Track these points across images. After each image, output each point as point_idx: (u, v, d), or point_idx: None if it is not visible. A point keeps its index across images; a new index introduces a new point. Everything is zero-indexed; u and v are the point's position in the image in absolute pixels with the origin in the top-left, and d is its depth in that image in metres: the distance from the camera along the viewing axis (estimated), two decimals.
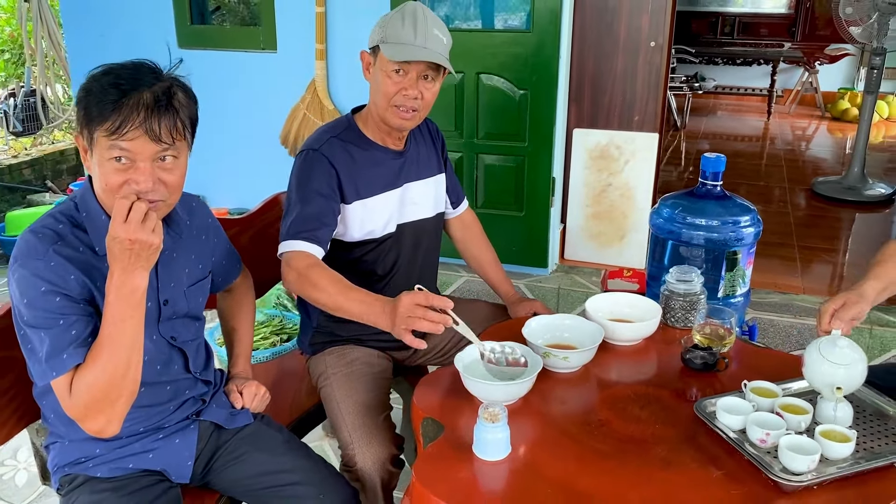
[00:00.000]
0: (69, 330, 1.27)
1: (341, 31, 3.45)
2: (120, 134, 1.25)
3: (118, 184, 1.29)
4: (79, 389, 1.27)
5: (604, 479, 1.34)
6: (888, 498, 1.29)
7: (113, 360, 1.27)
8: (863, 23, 4.64)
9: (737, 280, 2.07)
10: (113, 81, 1.27)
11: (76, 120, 1.31)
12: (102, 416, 1.29)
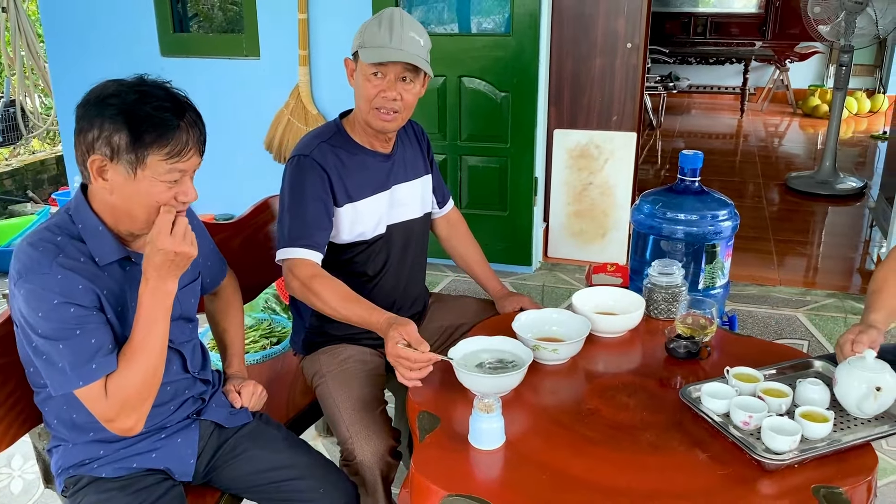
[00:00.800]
0: (88, 339, 1.31)
1: (324, 37, 3.48)
2: (182, 157, 1.33)
3: (166, 200, 1.35)
4: (115, 392, 1.33)
5: (595, 465, 1.39)
6: (865, 473, 1.35)
7: (147, 361, 1.34)
8: (830, 21, 4.75)
9: (716, 272, 2.13)
10: (160, 105, 1.31)
11: (102, 142, 1.31)
12: (135, 415, 1.35)
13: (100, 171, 1.32)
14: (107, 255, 1.38)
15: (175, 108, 1.34)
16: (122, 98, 1.31)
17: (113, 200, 1.35)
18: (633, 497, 1.30)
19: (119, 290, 1.40)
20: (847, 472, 1.35)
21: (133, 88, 1.33)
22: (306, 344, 2.02)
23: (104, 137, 1.30)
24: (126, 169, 1.31)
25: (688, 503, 1.29)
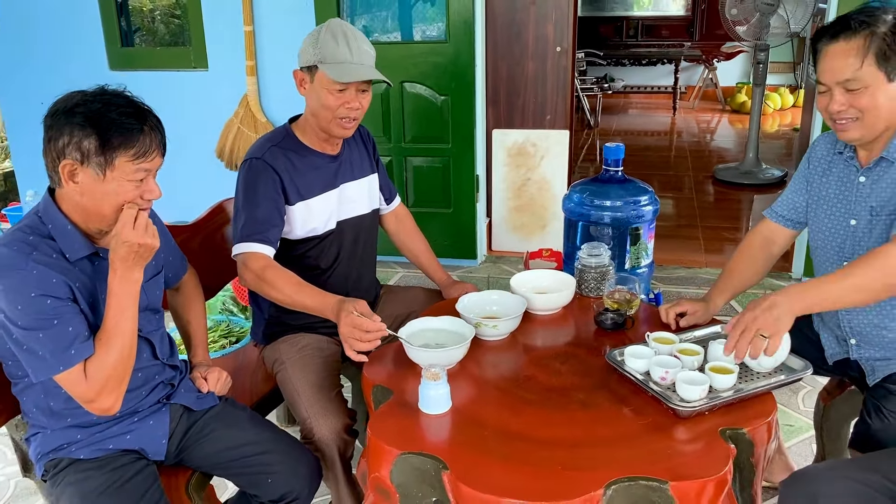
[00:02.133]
0: (66, 328, 1.41)
1: (270, 47, 3.59)
2: (146, 157, 1.45)
3: (133, 198, 1.46)
4: (94, 374, 1.43)
5: (533, 421, 1.54)
6: (764, 416, 1.53)
7: (121, 344, 1.45)
8: (747, 22, 5.04)
9: (640, 253, 2.32)
10: (124, 112, 1.43)
11: (72, 147, 1.41)
12: (113, 395, 1.46)
13: (71, 174, 1.43)
14: (76, 251, 1.48)
15: (137, 113, 1.46)
16: (87, 107, 1.42)
17: (83, 201, 1.46)
18: (565, 446, 1.46)
19: (90, 283, 1.50)
20: (749, 417, 1.53)
21: (97, 97, 1.44)
22: (266, 334, 2.13)
23: (74, 143, 1.41)
24: (95, 171, 1.42)
25: (613, 449, 1.45)
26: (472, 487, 1.35)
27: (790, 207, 1.93)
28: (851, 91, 1.61)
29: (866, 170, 1.73)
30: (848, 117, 1.64)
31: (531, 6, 3.35)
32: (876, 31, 1.57)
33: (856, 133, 1.66)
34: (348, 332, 1.70)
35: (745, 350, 1.53)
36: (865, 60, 1.58)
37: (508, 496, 1.33)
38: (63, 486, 1.53)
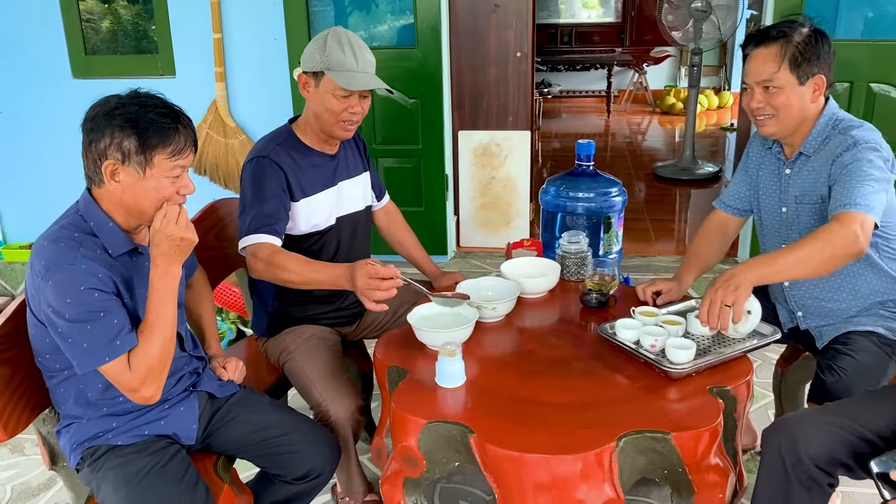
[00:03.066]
0: (111, 320, 1.47)
1: (238, 54, 3.65)
2: (182, 154, 1.52)
3: (170, 194, 1.53)
4: (138, 365, 1.49)
5: (540, 389, 1.68)
6: (743, 375, 1.71)
7: (163, 336, 1.52)
8: (682, 28, 5.34)
9: (612, 239, 2.50)
10: (160, 112, 1.50)
11: (114, 148, 1.48)
12: (155, 384, 1.53)
13: (112, 174, 1.50)
14: (118, 247, 1.55)
15: (171, 113, 1.53)
16: (125, 109, 1.49)
17: (125, 199, 1.52)
18: (574, 408, 1.61)
19: (129, 277, 1.57)
20: (731, 376, 1.71)
21: (133, 100, 1.52)
22: (270, 327, 2.20)
23: (115, 144, 1.48)
24: (136, 169, 1.50)
25: (617, 409, 1.61)
26: (499, 446, 1.49)
27: (736, 198, 2.16)
28: (769, 91, 1.86)
29: (790, 163, 1.97)
30: (765, 114, 1.89)
31: (492, 14, 3.52)
32: (791, 40, 1.83)
33: (772, 128, 1.90)
34: (365, 284, 1.76)
35: (716, 319, 1.69)
36: (781, 65, 1.83)
37: (532, 451, 1.47)
38: (105, 471, 1.59)
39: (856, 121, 1.90)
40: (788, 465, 1.54)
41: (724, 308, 1.67)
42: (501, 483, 1.51)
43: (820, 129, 1.90)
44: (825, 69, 1.86)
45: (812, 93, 1.87)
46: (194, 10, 3.60)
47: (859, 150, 1.79)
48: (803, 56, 1.82)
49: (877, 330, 1.88)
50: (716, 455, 1.59)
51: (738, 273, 1.70)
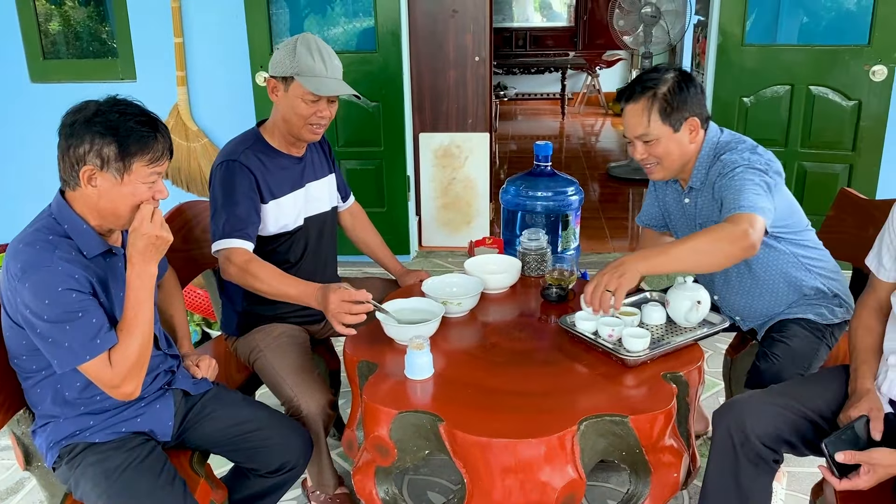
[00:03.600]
0: (90, 319, 1.49)
1: (200, 58, 3.65)
2: (160, 162, 1.56)
3: (146, 199, 1.56)
4: (119, 362, 1.52)
5: (505, 379, 1.76)
6: (695, 362, 1.81)
7: (142, 333, 1.55)
8: (632, 32, 5.49)
9: (570, 237, 2.60)
10: (139, 120, 1.53)
11: (93, 154, 1.50)
12: (135, 381, 1.55)
13: (90, 179, 1.52)
14: (93, 248, 1.58)
15: (150, 122, 1.56)
16: (105, 116, 1.52)
17: (101, 203, 1.55)
18: (537, 395, 1.68)
19: (104, 278, 1.59)
20: (683, 363, 1.80)
21: (112, 108, 1.55)
22: (239, 326, 2.23)
23: (95, 150, 1.50)
24: (114, 175, 1.52)
25: (578, 395, 1.69)
26: (467, 433, 1.55)
27: (650, 216, 2.31)
28: (647, 143, 1.96)
29: (686, 193, 2.10)
30: (650, 163, 2.01)
31: (450, 19, 3.59)
32: (657, 92, 1.93)
33: (659, 174, 2.03)
34: (337, 307, 1.84)
35: (598, 302, 1.74)
36: (651, 119, 1.93)
37: (499, 437, 1.54)
38: (83, 468, 1.61)
39: (731, 141, 1.99)
40: (737, 444, 1.64)
41: (606, 293, 1.73)
42: (470, 468, 1.58)
43: (702, 161, 2.01)
44: (696, 109, 1.95)
45: (689, 134, 1.97)
46: (155, 14, 3.59)
47: (729, 170, 1.90)
48: (671, 106, 1.92)
49: (807, 316, 2.01)
50: (670, 437, 1.69)
51: (627, 261, 1.75)
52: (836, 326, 2.03)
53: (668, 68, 2.00)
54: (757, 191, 1.84)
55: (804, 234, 2.05)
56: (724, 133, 2.04)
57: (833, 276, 2.08)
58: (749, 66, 3.55)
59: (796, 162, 3.60)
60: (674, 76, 1.95)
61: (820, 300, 2.05)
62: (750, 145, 1.98)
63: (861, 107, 3.43)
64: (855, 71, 3.39)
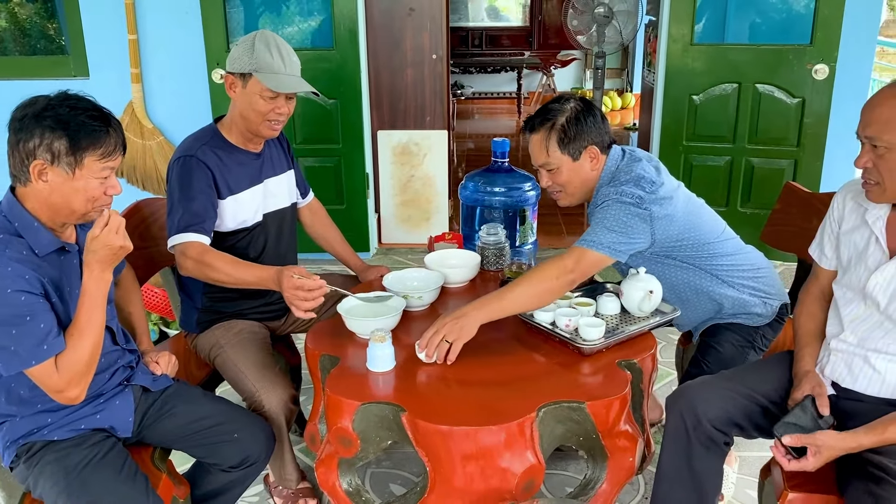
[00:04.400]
0: (38, 324, 1.47)
1: (155, 55, 3.60)
2: (112, 156, 1.54)
3: (99, 194, 1.54)
4: (65, 367, 1.50)
5: (466, 369, 1.79)
6: (648, 350, 1.87)
7: (91, 339, 1.53)
8: (586, 32, 5.57)
9: (527, 231, 2.64)
10: (90, 115, 1.51)
11: (43, 149, 1.48)
12: (80, 386, 1.53)
13: (40, 173, 1.50)
14: (45, 246, 1.55)
15: (102, 116, 1.55)
16: (56, 111, 1.50)
17: (52, 198, 1.53)
18: (497, 384, 1.72)
19: (58, 277, 1.57)
20: (637, 351, 1.86)
21: (63, 102, 1.53)
22: (199, 323, 2.22)
23: (45, 145, 1.48)
24: (65, 170, 1.50)
25: (536, 383, 1.73)
26: (429, 422, 1.58)
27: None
28: (550, 171, 2.05)
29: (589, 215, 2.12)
30: (555, 190, 2.10)
31: (407, 17, 3.61)
32: (556, 123, 1.99)
33: (565, 201, 2.13)
34: (292, 295, 1.85)
35: (433, 349, 1.76)
36: (549, 149, 2.01)
37: (460, 424, 1.57)
38: (42, 466, 1.58)
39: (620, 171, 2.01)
40: (689, 427, 1.70)
41: (444, 343, 1.77)
42: (432, 456, 1.60)
43: (600, 187, 2.06)
44: (595, 137, 2.01)
45: (589, 162, 2.03)
46: (108, 11, 3.53)
47: (601, 205, 1.97)
48: (568, 136, 1.98)
49: (739, 321, 2.08)
50: (625, 422, 1.74)
51: (468, 312, 1.80)
52: (767, 327, 2.11)
53: (570, 98, 2.05)
54: (609, 225, 1.91)
55: (712, 246, 2.07)
56: (624, 159, 2.06)
57: (757, 276, 2.11)
58: (698, 65, 3.64)
59: (744, 158, 3.70)
60: (573, 106, 2.01)
61: (746, 307, 2.09)
62: (635, 177, 1.97)
63: (805, 104, 3.56)
64: (798, 70, 3.51)
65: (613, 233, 1.90)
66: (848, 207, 1.72)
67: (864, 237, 1.66)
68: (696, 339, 2.18)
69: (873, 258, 1.63)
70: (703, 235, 2.06)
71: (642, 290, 1.97)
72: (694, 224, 2.04)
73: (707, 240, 2.07)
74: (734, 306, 2.10)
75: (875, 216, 1.63)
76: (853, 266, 1.68)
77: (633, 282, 1.99)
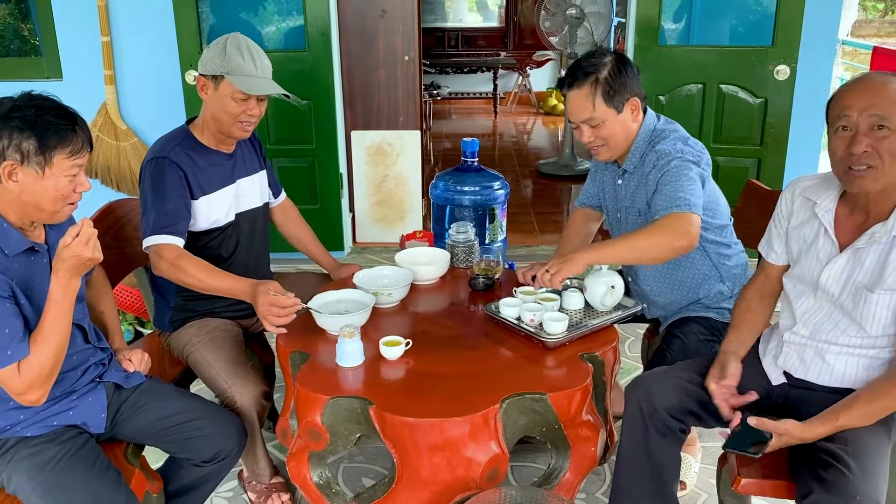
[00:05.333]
0: (2, 329, 1.49)
1: (128, 57, 3.61)
2: (80, 154, 1.57)
3: (68, 192, 1.57)
4: (28, 371, 1.52)
5: (434, 363, 1.83)
6: (610, 343, 1.93)
7: (56, 344, 1.55)
8: (558, 33, 5.65)
9: (497, 229, 2.69)
10: (57, 114, 1.54)
11: (12, 149, 1.50)
12: (42, 389, 1.55)
13: (10, 174, 1.52)
14: (14, 247, 1.57)
15: (68, 115, 1.58)
16: (22, 112, 1.52)
17: (22, 197, 1.55)
18: (463, 378, 1.76)
19: (27, 277, 1.59)
20: (599, 344, 1.92)
21: (28, 103, 1.55)
22: (172, 322, 2.24)
23: (14, 146, 1.51)
24: (35, 169, 1.53)
25: (501, 376, 1.77)
26: (396, 414, 1.62)
27: (589, 196, 2.39)
28: (594, 126, 2.05)
29: (621, 175, 2.19)
30: (598, 145, 2.09)
31: (379, 19, 3.65)
32: (599, 76, 2.00)
33: (606, 154, 2.12)
34: (266, 311, 1.91)
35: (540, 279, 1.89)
36: (595, 102, 2.01)
37: (426, 416, 1.62)
38: (16, 462, 1.60)
39: (666, 130, 2.08)
40: (646, 415, 1.76)
41: (546, 273, 1.87)
42: (399, 448, 1.65)
43: (638, 146, 2.10)
44: (636, 89, 2.05)
45: (631, 114, 2.06)
46: (81, 13, 3.53)
47: (663, 162, 2.00)
48: (613, 89, 2.00)
49: (708, 315, 2.13)
50: (587, 412, 1.80)
51: (573, 253, 1.90)
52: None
53: (605, 52, 2.06)
54: (692, 186, 1.93)
55: (726, 231, 2.15)
56: (660, 120, 2.12)
57: (738, 277, 2.18)
58: (664, 65, 3.71)
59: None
60: (612, 59, 2.02)
61: (719, 301, 2.16)
62: (682, 135, 2.07)
63: (767, 104, 3.64)
64: (761, 71, 3.60)
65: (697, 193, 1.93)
66: (797, 203, 1.78)
67: (813, 230, 1.72)
68: (662, 330, 2.23)
69: (824, 251, 1.69)
70: (723, 214, 2.13)
71: (605, 285, 2.02)
72: (719, 201, 2.11)
73: (724, 220, 2.14)
74: (713, 300, 2.15)
75: (824, 209, 1.69)
76: (804, 259, 1.74)
77: (596, 277, 2.04)
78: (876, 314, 1.62)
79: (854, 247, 1.63)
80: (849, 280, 1.64)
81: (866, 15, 16.20)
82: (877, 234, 1.59)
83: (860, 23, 14.76)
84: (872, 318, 1.63)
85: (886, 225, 1.58)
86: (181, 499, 1.92)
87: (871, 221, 1.62)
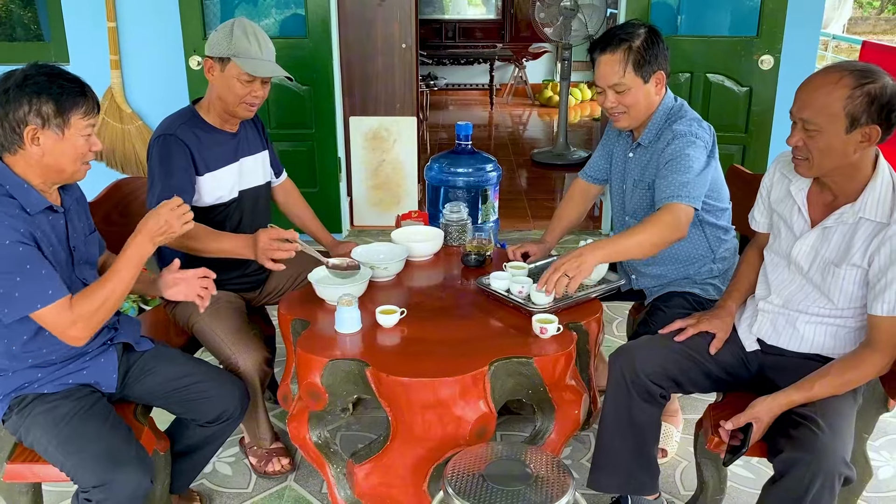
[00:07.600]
0: (39, 270, 1.59)
1: (133, 42, 3.68)
2: (93, 114, 1.67)
3: (85, 151, 1.67)
4: (80, 305, 1.63)
5: (427, 331, 1.92)
6: (593, 313, 2.02)
7: (113, 288, 1.68)
8: (553, 25, 5.72)
9: (489, 210, 2.78)
10: (66, 79, 1.64)
11: (33, 114, 1.61)
12: (88, 327, 1.66)
13: (34, 138, 1.62)
14: (35, 205, 1.66)
15: (75, 79, 1.68)
16: (35, 80, 1.62)
17: (45, 160, 1.64)
18: (455, 343, 1.85)
19: (48, 234, 1.68)
20: (584, 315, 2.01)
21: (38, 72, 1.64)
22: None
23: (34, 111, 1.60)
24: (55, 132, 1.63)
25: (490, 342, 1.86)
26: (391, 375, 1.72)
27: (596, 169, 2.44)
28: (619, 92, 2.10)
29: (633, 148, 2.25)
30: (619, 111, 2.14)
31: (378, 8, 3.73)
32: (632, 45, 2.06)
33: (625, 122, 2.18)
34: (266, 244, 2.02)
35: (553, 285, 1.91)
36: (626, 69, 2.07)
37: (419, 376, 1.71)
38: (34, 417, 1.70)
39: (682, 110, 2.15)
40: (629, 381, 1.85)
41: (564, 277, 1.90)
42: (394, 406, 1.74)
43: (655, 121, 2.16)
44: (663, 64, 2.11)
45: (655, 86, 2.11)
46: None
47: (678, 144, 2.05)
48: (644, 59, 2.06)
49: (694, 290, 2.21)
50: (571, 377, 1.89)
51: (585, 252, 1.94)
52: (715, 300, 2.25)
53: (639, 24, 2.11)
54: (698, 177, 2.00)
55: (725, 214, 2.23)
56: (677, 100, 2.18)
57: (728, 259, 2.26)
58: None
59: None
60: (646, 31, 2.08)
61: (707, 279, 2.24)
62: (696, 116, 2.13)
63: (752, 93, 3.73)
64: (746, 60, 3.69)
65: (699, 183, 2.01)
66: (776, 178, 1.87)
67: (788, 207, 1.82)
68: (647, 303, 2.31)
69: (797, 226, 1.78)
70: (722, 200, 2.20)
71: None
72: (721, 184, 2.18)
73: (724, 204, 2.21)
74: (701, 276, 2.23)
75: (798, 188, 1.79)
76: (781, 233, 1.84)
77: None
78: (842, 287, 1.72)
79: (823, 225, 1.72)
80: (817, 256, 1.74)
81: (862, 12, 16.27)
82: (845, 215, 1.68)
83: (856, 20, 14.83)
84: (839, 291, 1.72)
85: (854, 206, 1.67)
86: (187, 458, 2.02)
87: (840, 201, 1.71)
